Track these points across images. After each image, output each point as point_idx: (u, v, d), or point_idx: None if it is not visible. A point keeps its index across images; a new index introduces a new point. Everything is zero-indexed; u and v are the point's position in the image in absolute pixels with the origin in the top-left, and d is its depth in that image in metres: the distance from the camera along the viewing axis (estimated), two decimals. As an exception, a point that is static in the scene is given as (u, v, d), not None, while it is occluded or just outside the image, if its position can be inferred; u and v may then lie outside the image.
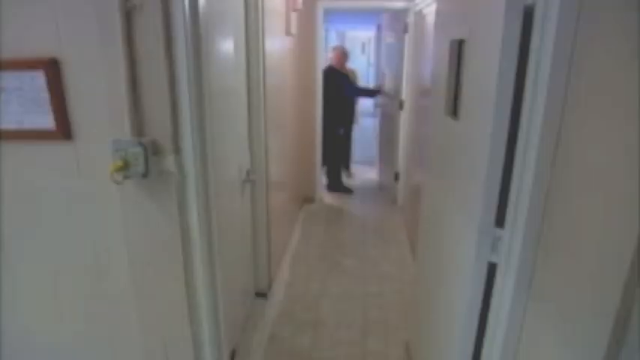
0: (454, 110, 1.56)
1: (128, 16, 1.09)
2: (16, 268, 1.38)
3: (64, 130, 1.21)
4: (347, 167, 5.61)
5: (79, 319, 1.43)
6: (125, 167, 1.15)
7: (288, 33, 3.19)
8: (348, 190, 5.05)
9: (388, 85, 4.88)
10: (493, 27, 1.13)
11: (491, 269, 1.25)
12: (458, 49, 1.52)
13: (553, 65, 0.97)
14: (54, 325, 1.43)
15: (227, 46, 1.86)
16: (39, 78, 1.17)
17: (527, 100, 1.05)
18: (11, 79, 1.19)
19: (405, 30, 4.09)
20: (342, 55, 4.85)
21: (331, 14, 4.59)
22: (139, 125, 1.17)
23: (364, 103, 6.68)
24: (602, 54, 0.86)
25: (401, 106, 4.32)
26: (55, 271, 1.37)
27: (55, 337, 1.46)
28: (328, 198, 4.81)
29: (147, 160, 1.16)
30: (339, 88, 4.68)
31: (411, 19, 3.92)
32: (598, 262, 0.83)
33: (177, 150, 1.21)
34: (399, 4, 4.01)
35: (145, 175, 1.17)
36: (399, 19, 4.30)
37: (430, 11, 3.05)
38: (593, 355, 0.80)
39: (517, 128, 1.10)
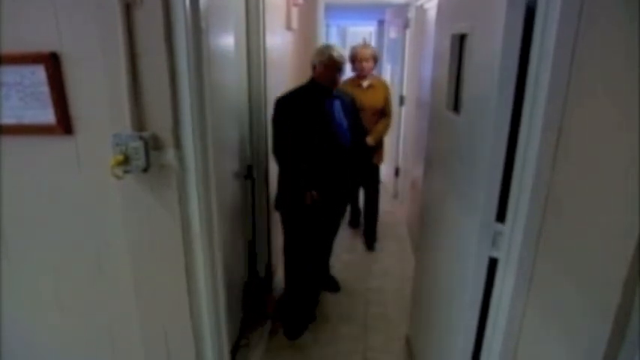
0: (455, 105, 1.56)
1: (128, 10, 1.08)
2: (17, 262, 1.38)
3: (64, 124, 1.20)
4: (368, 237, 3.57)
5: (79, 313, 1.43)
6: (126, 161, 1.14)
7: (289, 28, 3.17)
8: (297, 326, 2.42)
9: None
10: (495, 22, 1.12)
11: (492, 264, 1.26)
12: (459, 43, 1.52)
13: (555, 61, 0.96)
14: (54, 319, 1.44)
15: (228, 40, 1.85)
16: (39, 72, 1.16)
17: (529, 96, 1.05)
18: (11, 73, 1.18)
19: (406, 25, 4.07)
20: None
21: (332, 9, 4.53)
22: (139, 119, 1.17)
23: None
24: (604, 51, 0.85)
25: (402, 101, 4.31)
26: (55, 265, 1.37)
27: (55, 331, 1.46)
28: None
29: (147, 155, 1.15)
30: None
31: (412, 13, 3.90)
32: (598, 259, 0.83)
33: (178, 144, 1.20)
34: (401, -1, 3.99)
35: (145, 169, 1.17)
36: (400, 14, 4.28)
37: (431, 6, 3.03)
38: (594, 350, 0.80)
39: (518, 123, 1.09)
